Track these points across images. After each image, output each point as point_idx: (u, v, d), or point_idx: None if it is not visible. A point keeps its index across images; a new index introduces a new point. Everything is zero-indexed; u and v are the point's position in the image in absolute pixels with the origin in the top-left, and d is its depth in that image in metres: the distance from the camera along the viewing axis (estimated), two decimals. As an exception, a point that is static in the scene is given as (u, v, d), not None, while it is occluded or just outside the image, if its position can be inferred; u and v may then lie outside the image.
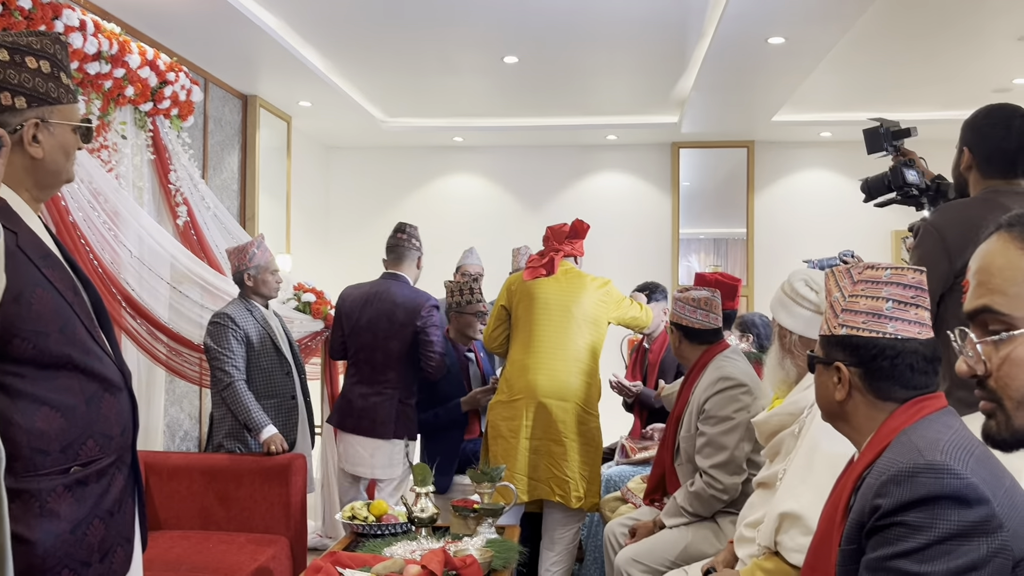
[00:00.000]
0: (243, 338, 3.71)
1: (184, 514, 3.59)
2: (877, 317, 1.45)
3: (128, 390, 1.68)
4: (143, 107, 3.90)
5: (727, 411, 2.86)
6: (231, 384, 3.63)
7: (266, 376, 3.78)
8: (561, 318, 3.56)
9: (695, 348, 3.09)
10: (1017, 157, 2.30)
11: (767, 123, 6.34)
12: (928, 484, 1.21)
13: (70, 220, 3.28)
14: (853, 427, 1.49)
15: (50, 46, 1.61)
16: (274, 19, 4.46)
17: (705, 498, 2.82)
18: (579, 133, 6.79)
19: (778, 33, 4.33)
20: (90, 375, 1.57)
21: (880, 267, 1.48)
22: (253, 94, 5.56)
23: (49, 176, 1.63)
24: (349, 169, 7.33)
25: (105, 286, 3.48)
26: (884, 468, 1.29)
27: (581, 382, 3.51)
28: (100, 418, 1.58)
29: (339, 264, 6.94)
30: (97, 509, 1.57)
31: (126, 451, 1.67)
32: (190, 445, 4.84)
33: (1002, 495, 1.20)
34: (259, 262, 3.82)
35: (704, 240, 7.26)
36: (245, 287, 3.83)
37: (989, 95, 5.76)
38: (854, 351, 1.46)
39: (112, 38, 3.54)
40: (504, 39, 4.75)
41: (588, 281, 3.63)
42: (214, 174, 5.19)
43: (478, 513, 2.90)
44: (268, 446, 3.60)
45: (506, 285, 3.73)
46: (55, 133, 1.60)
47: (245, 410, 3.62)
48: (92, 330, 1.60)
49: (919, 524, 1.20)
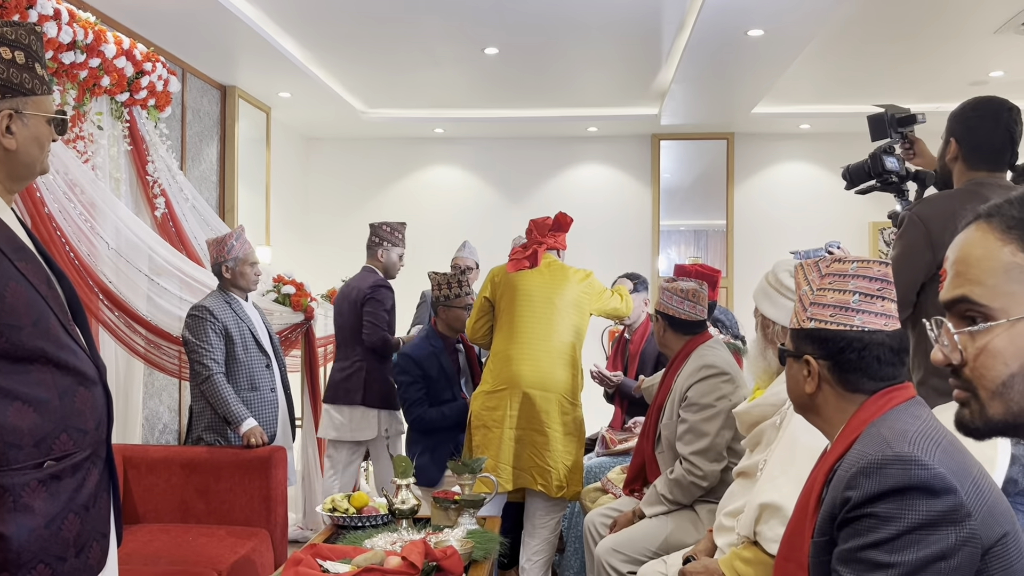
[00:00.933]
0: (222, 331, 3.69)
1: (163, 507, 3.57)
2: (844, 310, 1.46)
3: (103, 384, 1.66)
4: (119, 97, 3.86)
5: (709, 399, 2.88)
6: (209, 377, 3.61)
7: (246, 369, 3.76)
8: (544, 309, 3.58)
9: (679, 338, 3.11)
10: (1003, 150, 2.33)
11: (747, 115, 6.37)
12: (896, 475, 1.23)
13: (45, 212, 3.24)
14: (824, 419, 1.51)
15: (25, 36, 1.59)
16: (253, 9, 4.42)
17: (685, 485, 2.85)
18: (560, 125, 6.78)
19: (757, 25, 4.34)
20: (64, 369, 1.56)
21: (847, 260, 1.49)
22: (232, 85, 5.51)
23: (22, 168, 1.61)
24: (329, 160, 7.29)
25: (82, 278, 3.45)
26: (854, 460, 1.31)
27: (564, 373, 3.53)
28: (74, 412, 1.57)
29: (319, 256, 6.91)
30: (72, 504, 1.56)
31: (101, 445, 1.65)
32: (169, 438, 4.81)
33: (970, 484, 1.22)
34: (237, 254, 3.80)
35: (684, 232, 7.29)
36: (223, 279, 3.81)
37: (966, 88, 5.81)
38: (822, 344, 1.47)
39: (87, 27, 3.49)
40: (484, 30, 4.74)
41: (570, 273, 3.67)
42: (192, 165, 5.15)
43: (459, 504, 2.91)
44: (248, 439, 3.59)
45: (489, 277, 3.75)
46: (29, 124, 1.59)
47: (224, 403, 3.60)
48: (66, 324, 1.59)
49: (888, 515, 1.22)
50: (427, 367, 3.97)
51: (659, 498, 2.91)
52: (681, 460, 2.88)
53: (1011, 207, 0.88)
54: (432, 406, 3.96)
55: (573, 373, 3.58)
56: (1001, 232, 0.88)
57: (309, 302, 4.81)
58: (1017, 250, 0.86)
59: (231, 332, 3.72)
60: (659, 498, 2.91)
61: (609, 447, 3.91)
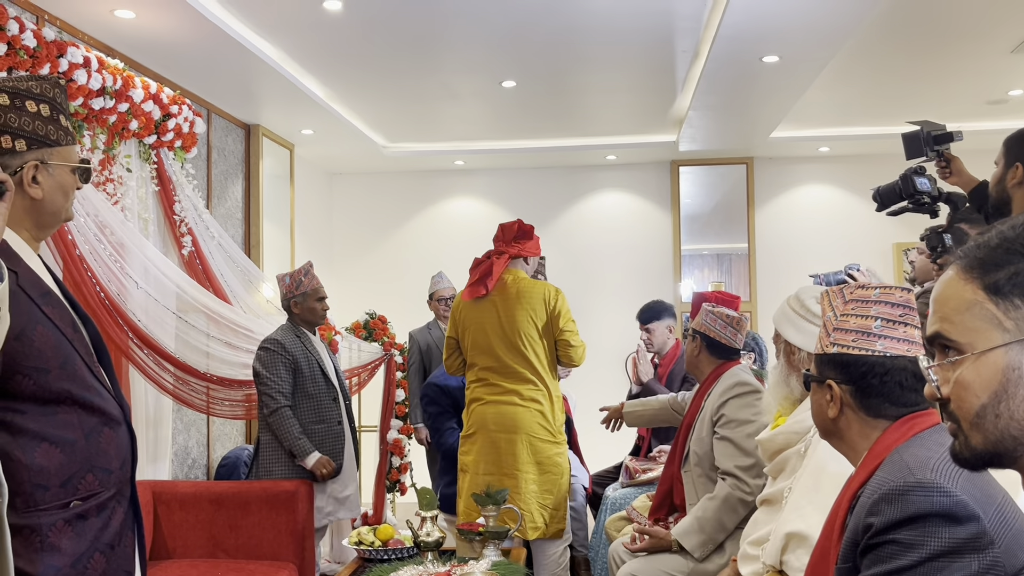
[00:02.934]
0: (291, 364, 3.78)
1: (192, 542, 3.61)
2: (866, 335, 1.47)
3: (127, 424, 1.70)
4: (147, 140, 3.96)
5: (747, 414, 2.85)
6: (278, 410, 3.70)
7: (314, 402, 3.84)
8: (500, 345, 3.47)
9: (712, 361, 3.07)
10: None
11: (765, 139, 6.38)
12: (918, 502, 1.23)
13: (76, 253, 3.32)
14: (848, 444, 1.52)
15: (49, 90, 1.65)
16: (274, 50, 4.53)
17: (733, 503, 2.76)
18: (578, 154, 6.83)
19: (772, 52, 4.37)
20: (89, 409, 1.60)
21: (869, 287, 1.51)
22: (256, 123, 5.63)
23: (48, 216, 1.66)
24: (352, 195, 7.39)
25: (112, 318, 3.52)
26: (876, 487, 1.31)
27: (531, 411, 3.43)
28: (99, 452, 1.60)
29: (344, 289, 6.98)
30: (97, 543, 1.59)
31: (125, 484, 1.69)
32: (199, 473, 4.86)
33: (993, 512, 1.22)
34: (306, 289, 3.92)
35: (707, 256, 7.28)
36: (293, 314, 3.92)
37: (984, 107, 5.80)
38: (844, 369, 1.48)
39: (116, 73, 3.60)
40: (501, 64, 4.81)
41: (535, 294, 3.49)
42: (218, 203, 5.25)
43: (483, 536, 2.91)
44: (317, 471, 3.68)
45: (452, 314, 3.67)
46: (54, 174, 1.64)
47: (290, 436, 3.69)
48: (92, 365, 1.63)
49: (911, 542, 1.22)
50: (457, 396, 3.97)
51: (698, 525, 2.78)
52: (724, 476, 2.80)
53: (976, 249, 0.94)
54: None
55: (544, 407, 3.45)
56: (965, 272, 0.94)
57: (333, 335, 4.86)
58: (977, 288, 0.92)
59: (300, 365, 3.80)
60: (698, 525, 2.78)
61: (633, 476, 3.89)
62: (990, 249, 0.92)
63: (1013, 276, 0.90)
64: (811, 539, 1.91)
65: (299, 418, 3.77)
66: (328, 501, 3.91)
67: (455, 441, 3.92)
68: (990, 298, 0.91)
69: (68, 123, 1.68)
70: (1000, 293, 0.90)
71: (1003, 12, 4.13)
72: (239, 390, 4.31)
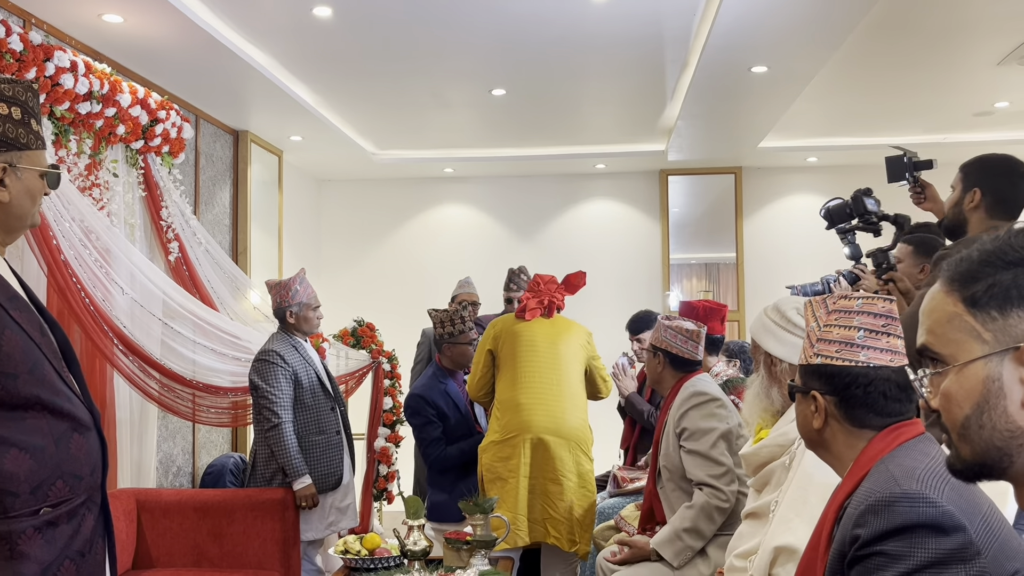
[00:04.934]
0: (291, 376, 3.73)
1: (177, 551, 3.57)
2: (849, 346, 1.48)
3: (97, 430, 1.67)
4: (134, 145, 3.94)
5: (709, 423, 2.87)
6: (278, 426, 3.64)
7: (313, 413, 3.79)
8: (549, 355, 3.52)
9: (674, 375, 3.09)
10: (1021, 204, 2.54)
11: (754, 149, 6.40)
12: (904, 513, 1.23)
13: (61, 259, 3.29)
14: (834, 455, 1.52)
15: (22, 93, 1.63)
16: (263, 56, 4.51)
17: (709, 511, 2.78)
18: (568, 162, 6.84)
19: (760, 62, 4.39)
20: (58, 415, 1.57)
21: (852, 297, 1.51)
22: (244, 129, 5.61)
23: (14, 220, 1.64)
24: (341, 202, 7.37)
25: (97, 324, 3.49)
26: (863, 498, 1.30)
27: (577, 420, 3.46)
28: (69, 458, 1.58)
29: (333, 296, 6.95)
30: (68, 550, 1.56)
31: (96, 491, 1.66)
32: (183, 481, 4.82)
33: (979, 522, 1.21)
34: (302, 299, 3.87)
35: (695, 265, 7.30)
36: (287, 323, 3.86)
37: (970, 119, 5.84)
38: (828, 380, 1.48)
39: (103, 78, 3.58)
40: (491, 72, 4.81)
41: (574, 325, 3.68)
42: (206, 209, 5.22)
43: (471, 545, 2.90)
44: (300, 499, 3.62)
45: (490, 329, 3.69)
46: (23, 178, 1.62)
47: (287, 455, 3.63)
48: (60, 370, 1.61)
49: (897, 553, 1.21)
50: (441, 405, 3.95)
51: (676, 535, 2.81)
52: (701, 487, 2.83)
53: (957, 263, 0.95)
54: (449, 443, 3.92)
55: (584, 420, 3.50)
56: (947, 285, 0.96)
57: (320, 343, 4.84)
58: (957, 301, 0.94)
59: (300, 377, 3.76)
60: (676, 535, 2.81)
61: (621, 486, 3.88)
62: (971, 262, 0.94)
63: (989, 288, 0.91)
64: (800, 552, 1.91)
65: (298, 430, 3.73)
66: (331, 511, 3.88)
67: (442, 452, 3.89)
68: (968, 310, 0.92)
69: (39, 128, 1.66)
70: (977, 305, 0.92)
71: (989, 25, 4.17)
72: (225, 397, 4.28)
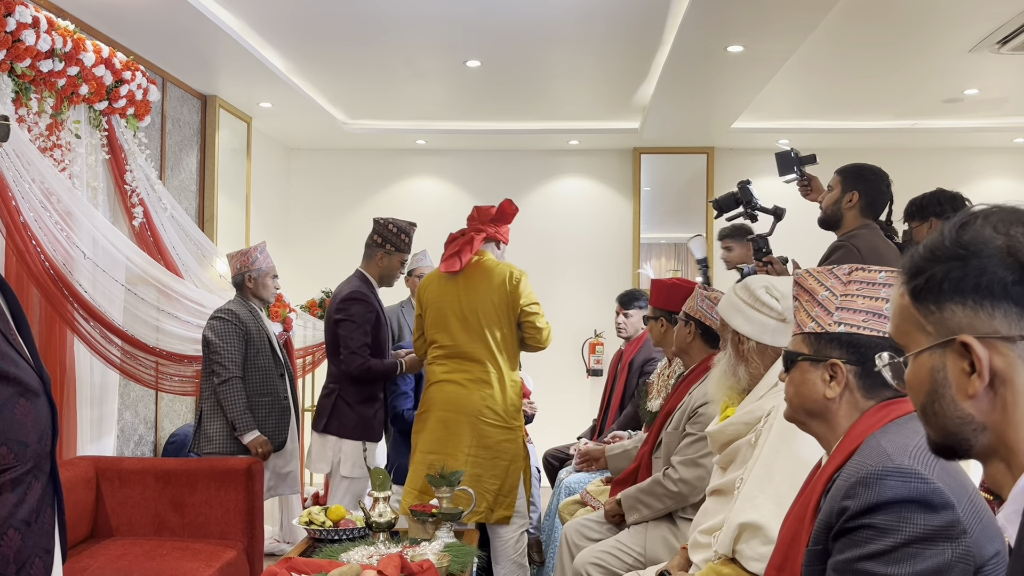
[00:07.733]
0: (244, 335, 3.82)
1: (137, 521, 3.53)
2: (877, 316, 1.48)
3: (47, 396, 1.62)
4: (98, 106, 3.83)
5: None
6: (229, 380, 3.73)
7: (263, 375, 3.88)
8: (457, 325, 3.44)
9: (704, 349, 2.99)
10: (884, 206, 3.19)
11: (726, 130, 6.41)
12: (895, 487, 1.23)
13: (21, 220, 3.21)
14: (830, 426, 1.51)
15: None
16: (234, 19, 4.41)
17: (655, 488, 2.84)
18: (541, 138, 6.80)
19: (737, 41, 4.39)
20: (4, 379, 1.51)
21: (871, 269, 1.52)
22: (213, 94, 5.49)
23: None
24: (310, 171, 7.27)
25: (57, 288, 3.41)
26: (853, 471, 1.31)
27: (482, 394, 3.39)
28: (15, 424, 1.52)
29: (299, 266, 6.88)
30: (12, 519, 1.51)
31: (44, 459, 1.61)
32: (145, 450, 4.75)
33: (966, 502, 1.22)
34: (262, 266, 3.97)
35: (665, 245, 7.32)
36: (245, 289, 3.96)
37: (940, 105, 5.90)
38: (855, 349, 1.48)
39: (66, 35, 3.47)
40: (466, 43, 4.75)
41: (496, 276, 3.43)
42: (172, 175, 5.12)
43: (436, 517, 2.90)
44: (254, 448, 3.72)
45: (418, 292, 3.65)
46: None
47: (236, 409, 3.73)
48: (8, 334, 1.55)
49: (886, 527, 1.22)
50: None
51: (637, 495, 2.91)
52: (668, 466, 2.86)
53: (910, 256, 0.98)
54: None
55: (494, 392, 3.39)
56: (901, 278, 0.99)
57: (288, 313, 4.78)
58: (904, 293, 0.97)
59: (252, 337, 3.85)
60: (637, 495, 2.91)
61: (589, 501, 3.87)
62: (918, 256, 0.96)
63: (928, 281, 0.93)
64: (764, 529, 1.93)
65: (246, 389, 3.81)
66: (271, 476, 3.94)
67: (406, 407, 3.96)
68: (913, 303, 0.96)
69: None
70: (919, 298, 0.95)
71: (961, 11, 4.20)
72: (189, 365, 4.22)
